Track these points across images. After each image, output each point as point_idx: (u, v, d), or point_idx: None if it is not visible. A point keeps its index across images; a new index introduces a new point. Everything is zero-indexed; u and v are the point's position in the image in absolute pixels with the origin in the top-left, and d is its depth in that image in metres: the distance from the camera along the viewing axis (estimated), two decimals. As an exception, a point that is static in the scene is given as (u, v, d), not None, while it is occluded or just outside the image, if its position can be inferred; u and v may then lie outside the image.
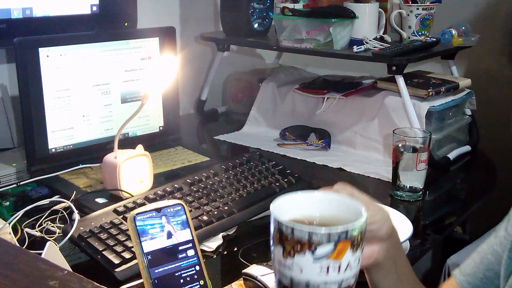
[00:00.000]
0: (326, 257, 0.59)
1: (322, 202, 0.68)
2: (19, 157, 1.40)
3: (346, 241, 0.59)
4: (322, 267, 0.59)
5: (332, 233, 0.59)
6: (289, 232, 0.60)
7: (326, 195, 0.69)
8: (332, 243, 0.59)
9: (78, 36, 1.39)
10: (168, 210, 0.84)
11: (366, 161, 1.54)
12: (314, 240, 0.59)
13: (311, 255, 0.59)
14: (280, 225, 0.61)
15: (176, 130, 1.58)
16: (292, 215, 0.64)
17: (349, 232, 0.59)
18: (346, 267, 0.60)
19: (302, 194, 0.68)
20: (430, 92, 1.50)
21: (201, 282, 0.84)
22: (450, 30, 1.63)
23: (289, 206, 0.65)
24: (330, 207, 0.67)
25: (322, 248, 0.59)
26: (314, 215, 0.66)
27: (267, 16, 1.85)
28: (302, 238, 0.59)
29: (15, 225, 1.09)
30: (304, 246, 0.59)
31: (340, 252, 0.59)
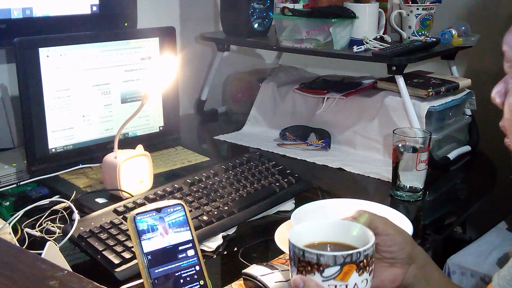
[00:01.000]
0: (333, 278, 0.67)
1: (337, 228, 0.75)
2: (19, 157, 1.40)
3: (351, 265, 0.67)
4: (330, 286, 0.67)
5: (337, 256, 0.67)
6: (301, 255, 0.68)
7: (340, 223, 0.76)
8: (338, 266, 0.67)
9: (78, 36, 1.39)
10: (168, 210, 0.84)
11: (366, 161, 1.54)
12: (321, 262, 0.67)
13: (320, 275, 0.67)
14: (294, 249, 0.69)
15: (176, 130, 1.58)
16: (308, 240, 0.72)
17: (353, 256, 0.67)
18: (354, 287, 0.68)
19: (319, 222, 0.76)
20: (430, 92, 1.50)
21: (201, 282, 0.84)
22: (450, 30, 1.63)
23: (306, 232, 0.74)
24: (344, 234, 0.74)
25: (329, 270, 0.67)
26: (328, 241, 0.74)
27: (267, 16, 1.85)
28: (311, 260, 0.67)
29: (15, 225, 1.10)
30: (314, 267, 0.67)
31: (346, 274, 0.67)
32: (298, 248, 0.68)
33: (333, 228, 0.75)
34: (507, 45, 0.74)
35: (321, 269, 0.67)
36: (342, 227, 0.75)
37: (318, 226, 0.75)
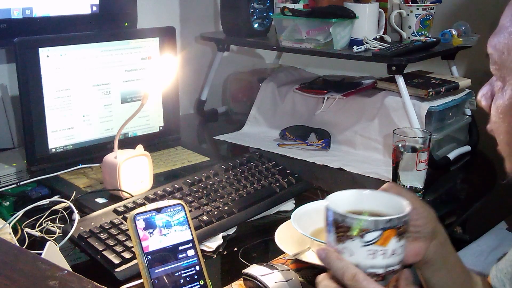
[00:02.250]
0: (374, 243, 0.66)
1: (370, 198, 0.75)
2: (19, 157, 1.40)
3: (391, 230, 0.67)
4: (370, 251, 0.67)
5: (379, 221, 0.66)
6: (342, 220, 0.67)
7: (374, 193, 0.76)
8: (379, 231, 0.66)
9: (78, 36, 1.39)
10: (168, 210, 0.84)
11: (366, 161, 1.54)
12: (363, 227, 0.66)
13: (360, 240, 0.67)
14: (335, 215, 0.68)
15: (176, 130, 1.58)
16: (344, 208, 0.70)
17: (394, 221, 0.67)
18: (391, 253, 0.67)
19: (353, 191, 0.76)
20: (430, 92, 1.50)
21: (201, 282, 0.84)
22: (450, 30, 1.63)
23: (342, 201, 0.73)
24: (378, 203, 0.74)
25: (370, 235, 0.66)
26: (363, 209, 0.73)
27: (267, 16, 1.85)
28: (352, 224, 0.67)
29: (15, 225, 1.10)
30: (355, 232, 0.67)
31: (386, 239, 0.67)
32: (339, 214, 0.68)
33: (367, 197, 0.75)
34: (492, 48, 0.73)
35: (362, 234, 0.66)
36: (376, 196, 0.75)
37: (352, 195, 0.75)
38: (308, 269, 0.99)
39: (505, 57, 0.71)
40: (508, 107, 0.72)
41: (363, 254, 0.67)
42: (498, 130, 0.75)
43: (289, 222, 1.03)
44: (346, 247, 0.68)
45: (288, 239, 1.03)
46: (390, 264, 0.68)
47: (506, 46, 0.71)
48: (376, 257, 0.67)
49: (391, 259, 0.68)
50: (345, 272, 0.67)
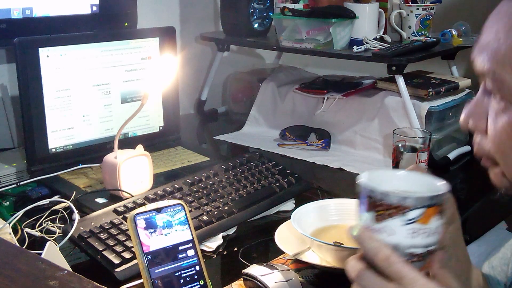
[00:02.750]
0: (415, 221, 0.64)
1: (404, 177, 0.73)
2: (19, 157, 1.40)
3: (433, 207, 0.65)
4: (411, 230, 0.64)
5: (423, 198, 0.64)
6: (383, 198, 0.65)
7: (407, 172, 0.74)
8: (422, 209, 0.64)
9: (78, 36, 1.39)
10: (168, 210, 0.84)
11: (366, 161, 1.54)
12: (406, 204, 0.64)
13: (402, 218, 0.64)
14: (373, 192, 0.66)
15: (176, 130, 1.58)
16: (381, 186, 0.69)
17: (436, 198, 0.65)
18: (432, 232, 0.65)
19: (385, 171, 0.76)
20: (430, 92, 1.50)
21: (201, 282, 0.84)
22: (450, 30, 1.63)
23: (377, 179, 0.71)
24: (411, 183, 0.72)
25: (412, 213, 0.64)
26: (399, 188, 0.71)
27: (267, 16, 1.85)
28: (395, 202, 0.64)
29: (15, 225, 1.09)
30: (396, 210, 0.64)
31: (428, 217, 0.64)
32: (379, 191, 0.65)
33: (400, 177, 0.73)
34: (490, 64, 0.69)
35: (404, 212, 0.64)
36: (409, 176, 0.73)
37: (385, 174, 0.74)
38: (308, 269, 0.99)
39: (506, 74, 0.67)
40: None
41: (404, 233, 0.65)
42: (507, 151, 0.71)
43: (289, 222, 1.03)
44: (385, 226, 0.65)
45: (288, 239, 1.03)
46: (430, 244, 0.66)
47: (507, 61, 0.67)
48: (417, 236, 0.65)
49: (431, 238, 0.66)
50: (378, 253, 0.65)
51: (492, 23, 0.70)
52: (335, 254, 0.96)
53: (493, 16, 0.71)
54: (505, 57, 0.67)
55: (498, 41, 0.68)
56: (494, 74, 0.68)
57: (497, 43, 0.68)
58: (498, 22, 0.69)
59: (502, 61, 0.67)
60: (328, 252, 0.97)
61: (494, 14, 0.71)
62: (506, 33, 0.67)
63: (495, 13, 0.71)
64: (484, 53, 0.69)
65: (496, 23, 0.69)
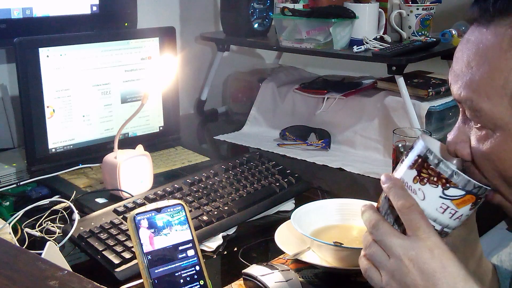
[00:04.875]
0: (451, 200, 0.64)
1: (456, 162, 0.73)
2: (19, 157, 1.40)
3: (473, 196, 0.65)
4: (443, 205, 0.65)
5: (471, 182, 0.64)
6: (435, 163, 0.65)
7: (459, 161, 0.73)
8: (464, 191, 0.64)
9: (78, 36, 1.39)
10: (168, 210, 0.84)
11: (366, 161, 1.54)
12: (453, 180, 0.64)
13: (441, 191, 0.64)
14: (428, 153, 0.66)
15: (176, 130, 1.58)
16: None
17: (481, 190, 0.65)
18: (458, 217, 0.66)
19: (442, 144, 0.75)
20: (430, 92, 1.50)
21: (201, 282, 0.84)
22: (450, 30, 1.63)
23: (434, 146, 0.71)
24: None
25: (454, 190, 0.64)
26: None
27: (267, 16, 1.85)
28: (444, 173, 0.64)
29: (15, 225, 1.09)
30: (441, 180, 0.64)
31: (464, 202, 0.65)
32: (434, 155, 0.65)
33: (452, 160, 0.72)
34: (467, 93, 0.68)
35: (447, 186, 0.64)
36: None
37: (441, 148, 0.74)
38: (308, 269, 0.99)
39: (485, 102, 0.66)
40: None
41: (436, 204, 0.65)
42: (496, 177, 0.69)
43: (289, 222, 1.03)
44: (423, 189, 0.65)
45: (288, 239, 1.03)
46: (450, 227, 0.66)
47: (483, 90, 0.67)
48: (444, 213, 0.65)
49: (455, 222, 0.66)
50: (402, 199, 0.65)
51: (463, 52, 0.70)
52: (335, 254, 0.96)
53: (462, 45, 0.71)
54: (480, 86, 0.67)
55: (471, 70, 0.68)
56: (472, 103, 0.68)
57: (470, 72, 0.68)
58: (469, 51, 0.69)
59: (477, 90, 0.67)
60: (328, 252, 0.97)
61: (463, 42, 0.71)
62: (477, 62, 0.67)
63: (464, 41, 0.71)
64: (459, 81, 0.70)
65: (467, 51, 0.69)
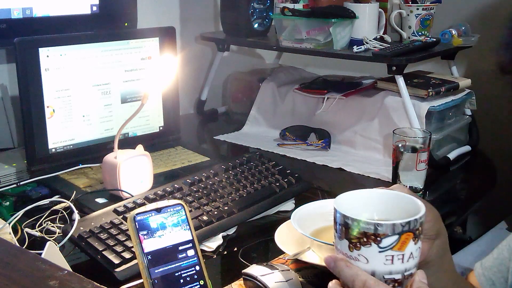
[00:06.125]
0: (391, 248, 0.64)
1: (380, 198, 0.72)
2: (19, 157, 1.40)
3: (409, 233, 0.64)
4: (387, 257, 0.64)
5: (396, 225, 0.63)
6: (355, 226, 0.64)
7: (383, 193, 0.73)
8: (397, 235, 0.63)
9: (78, 36, 1.39)
10: (168, 210, 0.84)
11: (366, 161, 1.54)
12: (380, 232, 0.63)
13: (377, 246, 0.64)
14: (346, 220, 0.65)
15: (176, 130, 1.58)
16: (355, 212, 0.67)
17: (411, 224, 0.64)
18: (409, 257, 0.65)
19: (361, 192, 0.73)
20: (430, 92, 1.50)
21: (201, 282, 0.84)
22: (450, 30, 1.63)
23: (351, 204, 0.69)
24: (389, 203, 0.71)
25: (387, 240, 0.63)
26: (373, 211, 0.71)
27: (267, 16, 1.85)
28: (368, 230, 0.64)
29: (15, 225, 1.09)
30: (370, 238, 0.64)
31: (404, 243, 0.64)
32: (351, 219, 0.64)
33: (376, 198, 0.72)
34: None
35: (379, 240, 0.63)
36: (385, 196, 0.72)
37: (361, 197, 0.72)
38: (308, 269, 0.99)
39: None
40: None
41: (380, 260, 0.64)
42: None
43: (289, 222, 1.03)
44: (361, 254, 0.65)
45: (288, 239, 1.03)
46: (408, 268, 0.66)
47: None
48: (394, 263, 0.64)
49: (409, 263, 0.65)
50: (355, 280, 0.65)
51: None
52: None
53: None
54: None
55: None
56: None
57: None
58: None
59: None
60: (328, 252, 0.96)
61: None
62: None
63: None
64: None
65: None
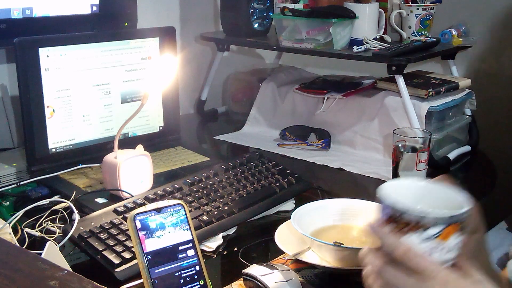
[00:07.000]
0: (435, 238, 0.64)
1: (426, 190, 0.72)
2: (19, 157, 1.40)
3: (454, 225, 0.64)
4: (429, 247, 0.64)
5: (443, 216, 0.64)
6: (401, 214, 0.64)
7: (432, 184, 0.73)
8: (442, 226, 0.64)
9: (78, 36, 1.39)
10: (168, 210, 0.84)
11: (366, 161, 1.54)
12: (426, 222, 0.63)
13: (421, 235, 0.63)
14: (392, 207, 0.65)
15: (176, 130, 1.58)
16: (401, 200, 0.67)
17: (458, 216, 0.64)
18: (450, 249, 0.65)
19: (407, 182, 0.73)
20: (430, 92, 1.50)
21: (201, 282, 0.84)
22: (450, 30, 1.63)
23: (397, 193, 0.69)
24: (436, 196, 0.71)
25: (432, 230, 0.64)
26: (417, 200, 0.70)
27: (267, 16, 1.85)
28: (413, 220, 0.64)
29: (15, 225, 1.09)
30: (415, 227, 0.64)
31: (448, 234, 0.64)
32: (398, 207, 0.64)
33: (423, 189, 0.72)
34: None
35: (424, 229, 0.63)
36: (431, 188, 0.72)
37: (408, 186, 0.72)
38: (308, 269, 0.99)
39: None
40: None
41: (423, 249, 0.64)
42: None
43: (289, 222, 1.03)
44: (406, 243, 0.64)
45: (288, 239, 1.03)
46: (448, 260, 0.66)
47: None
48: (434, 253, 0.65)
49: (450, 254, 0.66)
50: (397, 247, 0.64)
51: None
52: (335, 254, 0.96)
53: None
54: None
55: None
56: None
57: None
58: None
59: None
60: (328, 252, 0.97)
61: None
62: None
63: None
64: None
65: None
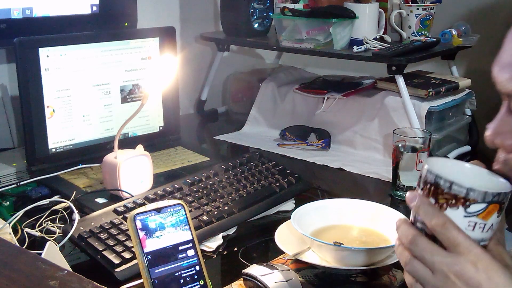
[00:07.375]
0: (476, 215, 0.64)
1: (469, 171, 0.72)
2: (19, 157, 1.40)
3: (496, 204, 0.64)
4: (470, 223, 0.64)
5: (488, 193, 0.63)
6: (447, 186, 0.64)
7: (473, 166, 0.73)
8: (485, 204, 0.63)
9: (78, 36, 1.39)
10: (168, 210, 0.84)
11: (366, 161, 1.54)
12: (470, 197, 0.63)
13: (464, 210, 0.64)
14: (438, 179, 0.65)
15: (176, 130, 1.58)
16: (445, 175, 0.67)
17: (501, 196, 0.64)
18: (489, 228, 0.65)
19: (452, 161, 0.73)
20: (430, 92, 1.50)
21: (201, 282, 0.84)
22: (450, 30, 1.63)
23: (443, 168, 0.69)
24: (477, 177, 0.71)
25: (475, 206, 0.64)
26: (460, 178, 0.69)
27: (267, 16, 1.85)
28: (460, 193, 0.64)
29: (15, 225, 1.10)
30: (459, 201, 0.64)
31: (489, 213, 0.64)
32: (444, 179, 0.64)
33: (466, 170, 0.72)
34: None
35: (467, 204, 0.63)
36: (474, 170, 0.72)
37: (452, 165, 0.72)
38: (308, 269, 0.99)
39: None
40: None
41: (463, 224, 0.64)
42: None
43: (289, 222, 1.03)
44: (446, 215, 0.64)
45: (288, 239, 1.03)
46: (485, 239, 0.66)
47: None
48: (474, 230, 0.64)
49: (487, 233, 0.65)
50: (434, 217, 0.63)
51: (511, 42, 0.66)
52: (335, 254, 0.96)
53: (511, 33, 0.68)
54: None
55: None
56: None
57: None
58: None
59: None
60: (328, 252, 0.97)
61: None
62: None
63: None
64: (507, 72, 0.66)
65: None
